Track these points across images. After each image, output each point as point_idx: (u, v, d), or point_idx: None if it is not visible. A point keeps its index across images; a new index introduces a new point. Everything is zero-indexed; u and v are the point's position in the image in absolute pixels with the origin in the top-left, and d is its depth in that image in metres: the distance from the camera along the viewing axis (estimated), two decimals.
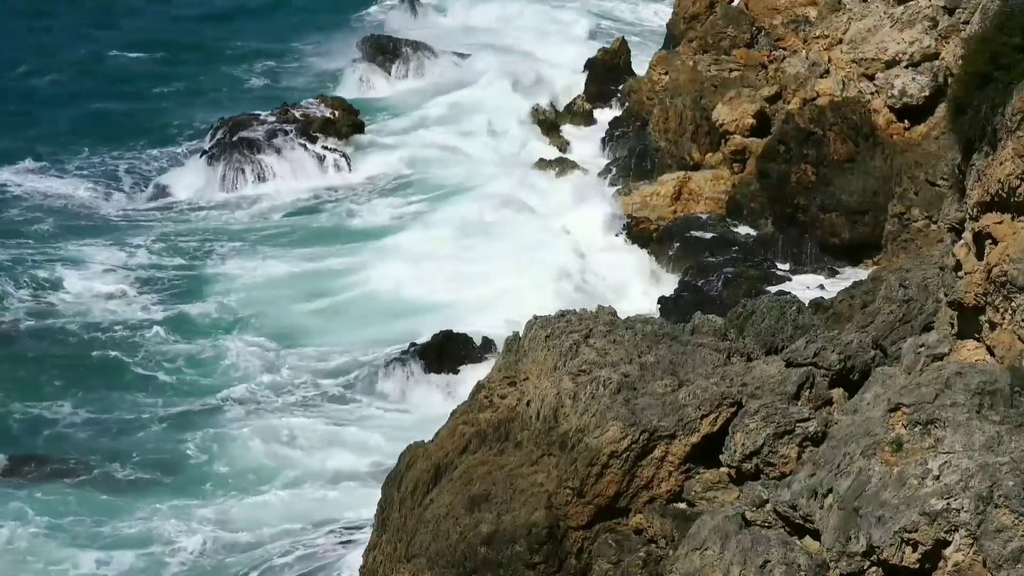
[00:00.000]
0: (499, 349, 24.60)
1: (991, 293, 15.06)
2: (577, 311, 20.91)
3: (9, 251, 40.49)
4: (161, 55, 63.96)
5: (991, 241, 15.04)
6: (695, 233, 38.75)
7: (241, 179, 46.99)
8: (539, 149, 48.69)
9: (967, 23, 33.69)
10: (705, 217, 39.60)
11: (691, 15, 49.44)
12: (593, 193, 42.57)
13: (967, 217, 15.57)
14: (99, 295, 37.72)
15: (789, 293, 29.13)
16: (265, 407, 31.33)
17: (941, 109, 35.53)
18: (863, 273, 31.88)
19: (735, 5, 47.74)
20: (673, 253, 38.31)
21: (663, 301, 34.60)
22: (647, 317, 21.44)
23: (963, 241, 15.64)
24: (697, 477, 17.82)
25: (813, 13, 43.24)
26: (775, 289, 33.70)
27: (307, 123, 49.66)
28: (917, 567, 13.39)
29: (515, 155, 48.47)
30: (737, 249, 37.78)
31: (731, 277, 35.61)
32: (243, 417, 30.78)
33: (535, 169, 45.78)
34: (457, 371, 32.08)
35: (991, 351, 15.26)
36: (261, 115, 50.49)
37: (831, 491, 14.39)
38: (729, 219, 39.65)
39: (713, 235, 38.52)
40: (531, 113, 51.92)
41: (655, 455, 17.88)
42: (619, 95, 52.29)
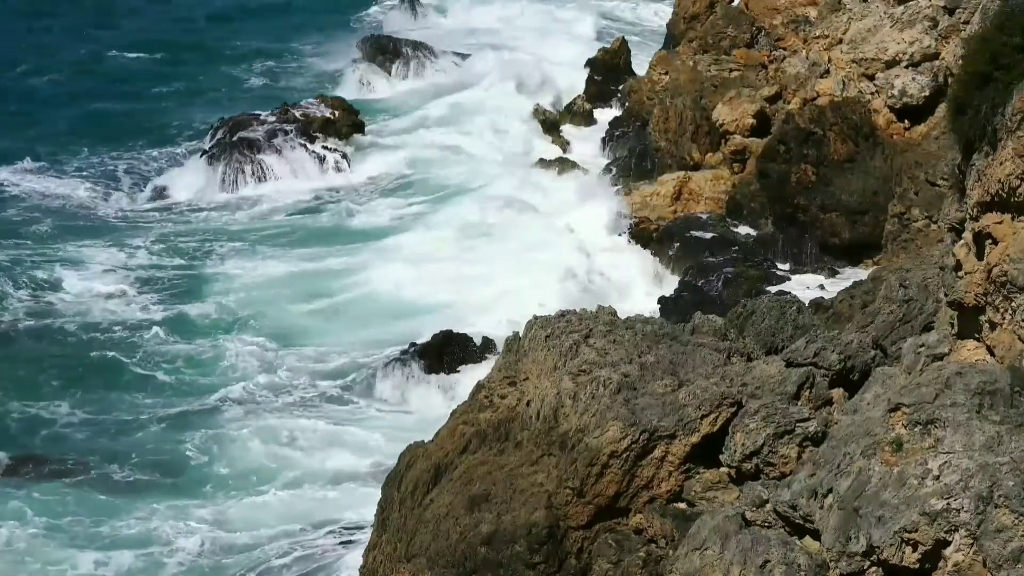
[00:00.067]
0: (499, 349, 24.58)
1: (991, 293, 15.05)
2: (577, 311, 20.90)
3: (8, 251, 40.45)
4: (161, 55, 63.92)
5: (991, 241, 15.03)
6: (695, 233, 38.71)
7: (241, 179, 46.90)
8: (541, 148, 48.60)
9: (967, 23, 33.67)
10: (705, 217, 39.57)
11: (691, 15, 49.40)
12: (597, 192, 42.38)
13: (967, 217, 15.56)
14: (98, 295, 37.68)
15: (789, 293, 29.11)
16: (264, 407, 31.31)
17: (941, 109, 35.51)
18: (863, 273, 31.85)
19: (735, 5, 47.70)
20: (673, 253, 38.28)
21: (663, 301, 34.58)
22: (647, 317, 21.42)
23: (963, 241, 15.62)
24: (697, 477, 17.80)
25: (813, 13, 43.20)
26: (775, 289, 33.67)
27: (307, 123, 49.60)
28: (917, 567, 13.38)
29: (517, 155, 48.35)
30: (737, 249, 37.76)
31: (731, 277, 35.59)
32: (242, 417, 30.76)
33: (535, 168, 45.72)
34: (457, 371, 32.05)
35: (991, 351, 15.25)
36: (261, 115, 50.42)
37: (831, 491, 14.37)
38: (729, 219, 39.61)
39: (713, 235, 38.50)
40: (533, 113, 51.87)
41: (655, 455, 17.86)
42: (619, 95, 52.26)
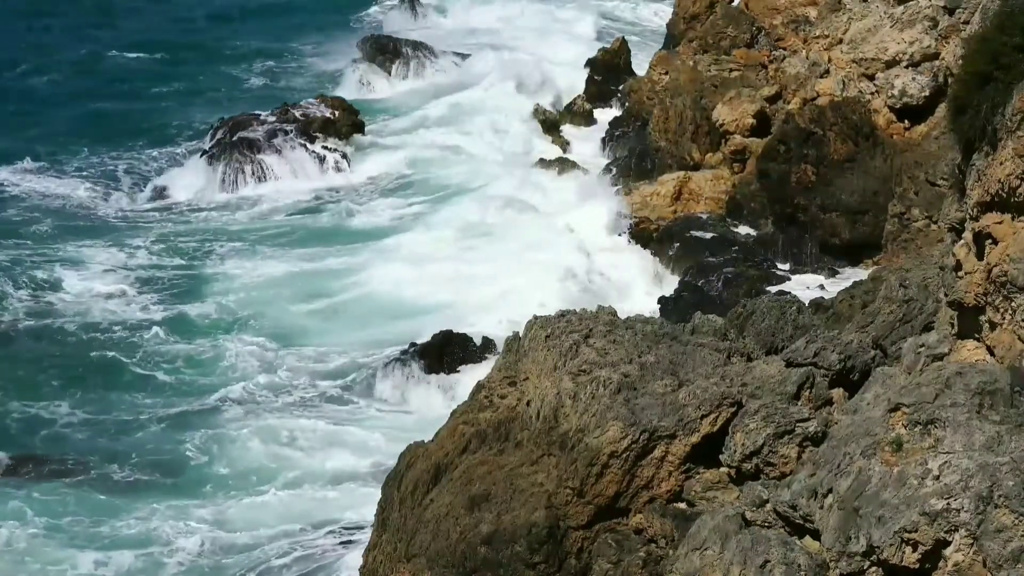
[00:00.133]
0: (499, 349, 24.56)
1: (991, 293, 15.05)
2: (577, 311, 20.88)
3: (7, 251, 40.39)
4: (161, 55, 63.88)
5: (991, 241, 15.03)
6: (695, 233, 38.68)
7: (241, 179, 46.84)
8: (541, 148, 48.54)
9: (967, 23, 33.67)
10: (705, 217, 39.54)
11: (691, 15, 49.37)
12: (597, 192, 42.28)
13: (967, 217, 15.56)
14: (98, 295, 37.64)
15: (789, 293, 29.11)
16: (264, 407, 31.27)
17: (941, 109, 35.51)
18: (863, 273, 31.83)
19: (735, 5, 47.67)
20: (673, 253, 38.27)
21: (663, 301, 34.57)
22: (647, 317, 21.41)
23: (963, 241, 15.62)
24: (697, 477, 17.80)
25: (813, 13, 43.18)
26: (775, 289, 33.65)
27: (307, 123, 49.57)
28: (917, 567, 13.38)
29: (517, 155, 48.28)
30: (737, 249, 37.74)
31: (731, 277, 35.58)
32: (242, 417, 30.72)
33: (535, 168, 45.68)
34: (457, 371, 32.02)
35: (991, 351, 15.25)
36: (261, 115, 50.38)
37: (831, 491, 14.38)
38: (729, 219, 39.59)
39: (713, 235, 38.48)
40: (533, 113, 51.83)
41: (655, 455, 17.86)
42: (619, 95, 52.24)
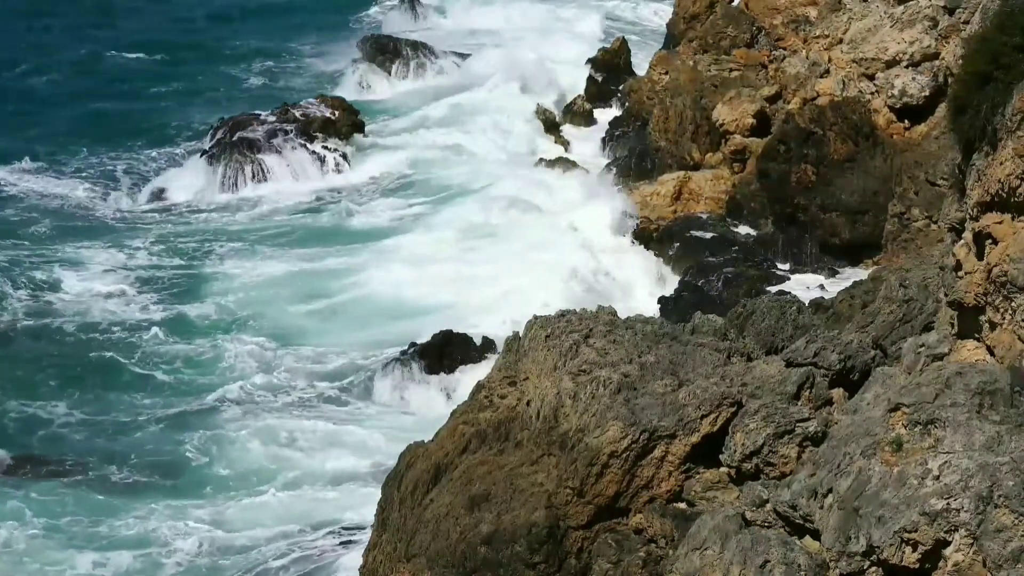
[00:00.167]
0: (500, 349, 24.52)
1: (991, 293, 15.04)
2: (577, 311, 20.86)
3: (6, 252, 40.36)
4: (161, 55, 63.90)
5: (991, 241, 15.02)
6: (695, 233, 38.69)
7: (241, 179, 46.83)
8: (543, 148, 48.47)
9: (967, 23, 33.65)
10: (705, 217, 39.55)
11: (691, 15, 49.37)
12: (601, 192, 42.11)
13: (967, 217, 15.55)
14: (97, 295, 37.63)
15: (789, 293, 29.10)
16: (263, 408, 31.23)
17: (941, 109, 35.51)
18: (863, 273, 31.82)
19: (735, 5, 47.67)
20: (673, 253, 38.27)
21: (663, 301, 34.56)
22: (647, 317, 21.38)
23: (963, 241, 15.61)
24: (697, 477, 17.78)
25: (813, 13, 43.18)
26: (775, 289, 33.65)
27: (307, 123, 49.56)
28: (917, 567, 13.37)
29: (519, 154, 48.21)
30: (737, 249, 37.74)
31: (731, 277, 35.58)
32: (241, 418, 30.68)
33: (537, 168, 45.63)
34: (457, 371, 31.98)
35: (991, 351, 15.24)
36: (261, 115, 50.37)
37: (831, 491, 14.36)
38: (729, 219, 39.59)
39: (713, 235, 38.49)
40: (536, 113, 51.78)
41: (655, 455, 17.84)
42: (619, 95, 52.23)
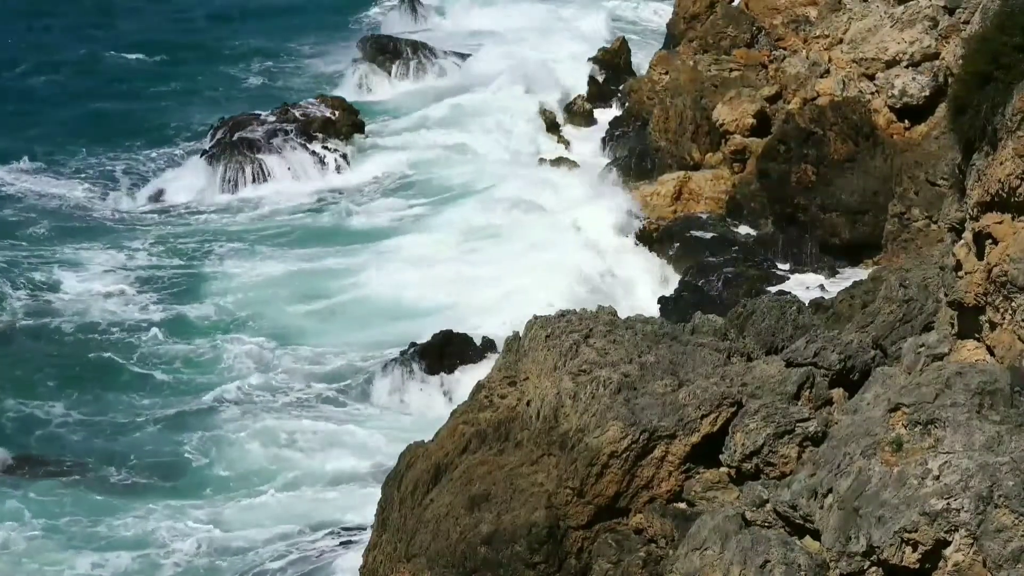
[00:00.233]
0: (500, 349, 24.50)
1: (991, 293, 15.03)
2: (577, 311, 20.86)
3: (5, 252, 40.33)
4: (160, 55, 63.89)
5: (991, 241, 15.02)
6: (695, 233, 38.69)
7: (241, 179, 46.82)
8: (545, 148, 48.42)
9: (967, 23, 33.65)
10: (705, 217, 39.55)
11: (691, 15, 49.38)
12: (604, 191, 42.00)
13: (967, 217, 15.54)
14: (97, 295, 37.61)
15: (789, 293, 29.11)
16: (262, 408, 31.20)
17: (941, 109, 35.51)
18: (863, 273, 31.80)
19: (735, 5, 47.67)
20: (673, 253, 38.27)
21: (663, 301, 34.55)
22: (647, 317, 21.37)
23: (963, 241, 15.60)
24: (697, 477, 17.77)
25: (813, 13, 43.18)
26: (775, 289, 33.67)
27: (307, 123, 49.55)
28: (917, 567, 13.36)
29: (520, 154, 48.15)
30: (737, 249, 37.74)
31: (731, 277, 35.58)
32: (240, 418, 30.66)
33: (538, 168, 45.59)
34: (457, 372, 31.96)
35: (991, 351, 15.23)
36: (261, 115, 50.39)
37: (831, 491, 14.35)
38: (729, 219, 39.60)
39: (713, 235, 38.49)
40: (539, 113, 51.72)
41: (655, 455, 17.83)
42: (619, 95, 52.22)
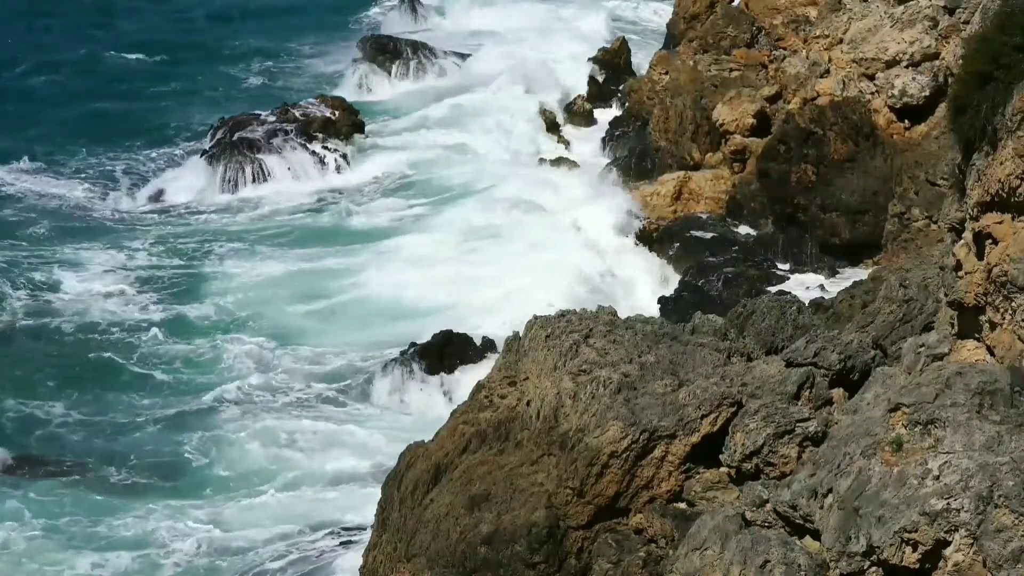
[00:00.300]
0: (500, 349, 24.50)
1: (991, 293, 15.03)
2: (577, 311, 20.85)
3: (5, 252, 40.30)
4: (160, 55, 63.88)
5: (991, 241, 15.01)
6: (695, 233, 38.69)
7: (241, 179, 46.81)
8: (545, 148, 48.41)
9: (967, 23, 33.65)
10: (705, 217, 39.55)
11: (691, 15, 49.37)
12: (604, 191, 41.98)
13: (967, 217, 15.53)
14: (97, 295, 37.60)
15: (789, 293, 29.11)
16: (262, 408, 31.20)
17: (941, 109, 35.50)
18: (863, 273, 31.81)
19: (735, 5, 47.67)
20: (673, 253, 38.26)
21: (663, 301, 34.55)
22: (647, 317, 21.37)
23: (963, 241, 15.60)
24: (697, 477, 17.77)
25: (813, 13, 43.19)
26: (775, 289, 33.67)
27: (307, 123, 49.55)
28: (917, 567, 13.36)
29: (520, 154, 48.12)
30: (737, 249, 37.74)
31: (731, 277, 35.58)
32: (240, 418, 30.66)
33: (538, 168, 45.57)
34: (457, 372, 31.95)
35: (991, 351, 15.22)
36: (261, 115, 50.38)
37: (831, 491, 14.35)
38: (729, 219, 39.60)
39: (713, 235, 38.49)
40: (539, 113, 51.70)
41: (655, 455, 17.83)
42: (619, 95, 52.22)
